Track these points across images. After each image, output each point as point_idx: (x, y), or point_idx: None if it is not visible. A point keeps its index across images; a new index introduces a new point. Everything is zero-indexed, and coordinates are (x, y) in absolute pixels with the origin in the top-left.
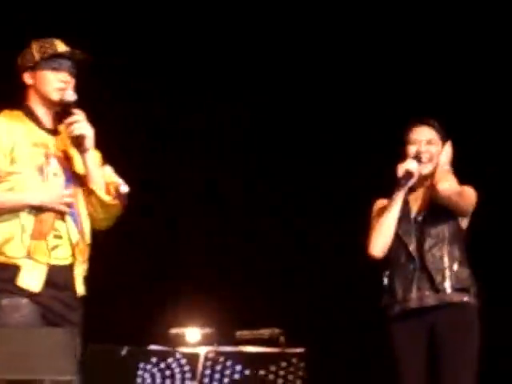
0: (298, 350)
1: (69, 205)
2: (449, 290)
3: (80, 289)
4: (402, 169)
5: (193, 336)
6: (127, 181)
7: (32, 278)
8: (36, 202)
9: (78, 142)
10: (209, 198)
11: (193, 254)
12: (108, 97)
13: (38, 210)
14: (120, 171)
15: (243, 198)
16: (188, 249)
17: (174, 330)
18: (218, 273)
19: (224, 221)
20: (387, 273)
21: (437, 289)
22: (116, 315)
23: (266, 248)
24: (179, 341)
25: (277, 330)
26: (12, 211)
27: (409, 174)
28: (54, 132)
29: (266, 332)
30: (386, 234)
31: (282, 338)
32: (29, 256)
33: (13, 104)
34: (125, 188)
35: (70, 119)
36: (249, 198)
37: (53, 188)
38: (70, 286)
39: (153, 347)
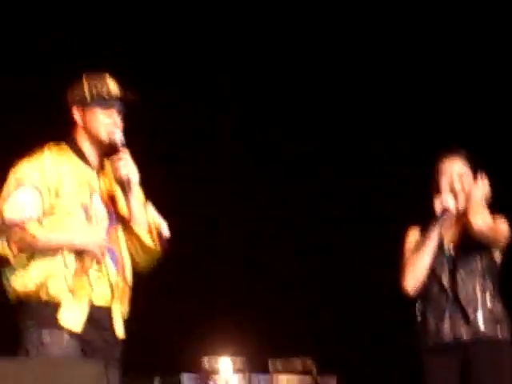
0: (330, 378)
1: (103, 253)
2: (481, 324)
3: (119, 331)
4: (439, 205)
5: (225, 365)
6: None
7: (73, 317)
8: (81, 245)
9: (122, 182)
10: (239, 231)
11: (226, 283)
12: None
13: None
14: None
15: (272, 230)
16: (221, 278)
17: (206, 359)
18: (250, 302)
19: (255, 251)
20: (420, 305)
21: (470, 322)
22: (149, 344)
23: (298, 279)
24: (212, 369)
25: (309, 359)
26: (56, 250)
27: (447, 211)
28: (99, 170)
29: (298, 361)
30: (421, 270)
31: (313, 367)
32: (71, 292)
33: (59, 135)
34: (166, 232)
35: (116, 159)
36: (277, 229)
37: (98, 233)
38: (109, 327)
39: (186, 376)
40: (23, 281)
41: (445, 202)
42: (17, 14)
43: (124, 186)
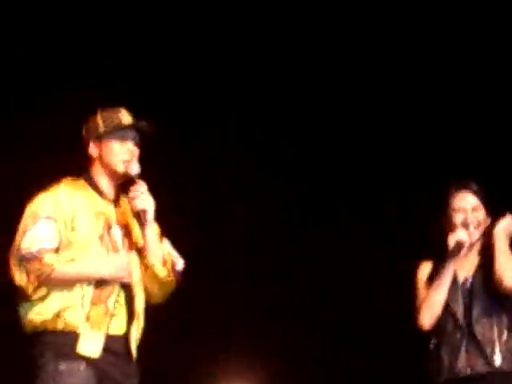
0: None
1: (130, 274)
2: (499, 359)
3: (133, 356)
4: (453, 240)
5: None
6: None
7: (91, 345)
8: (103, 274)
9: (139, 214)
10: (254, 255)
11: (240, 310)
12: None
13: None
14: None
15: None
16: (236, 305)
17: None
18: (265, 330)
19: (271, 278)
20: (434, 340)
21: (486, 358)
22: (165, 371)
23: (313, 308)
24: None
25: None
26: (71, 282)
27: (460, 245)
28: (115, 202)
29: None
30: (438, 306)
31: None
32: (88, 321)
33: (75, 171)
34: (180, 264)
35: (132, 194)
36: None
37: (121, 260)
38: (125, 354)
39: None
40: (40, 310)
41: (459, 236)
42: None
43: (140, 217)
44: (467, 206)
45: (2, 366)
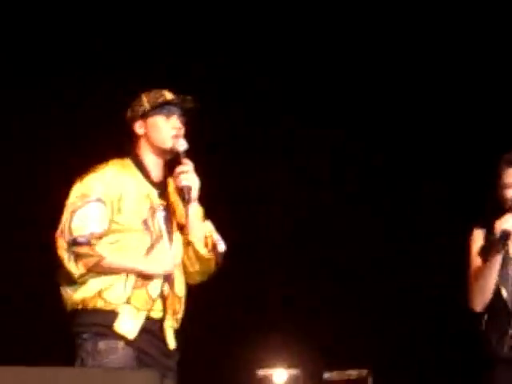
0: None
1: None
2: None
3: (171, 342)
4: (499, 227)
5: (280, 377)
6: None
7: (129, 325)
8: (148, 273)
9: (183, 192)
10: (294, 237)
11: (280, 294)
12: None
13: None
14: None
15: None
16: (275, 289)
17: (261, 372)
18: (305, 313)
19: (312, 259)
20: (484, 318)
21: None
22: (203, 357)
23: (354, 288)
24: (267, 382)
25: (365, 371)
26: (116, 273)
27: (508, 234)
28: (160, 183)
29: (353, 373)
30: (487, 292)
31: (370, 379)
32: (128, 302)
33: (122, 154)
34: (222, 247)
35: (178, 169)
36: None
37: (167, 259)
38: (162, 339)
39: None
40: (81, 289)
41: (504, 223)
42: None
43: (184, 196)
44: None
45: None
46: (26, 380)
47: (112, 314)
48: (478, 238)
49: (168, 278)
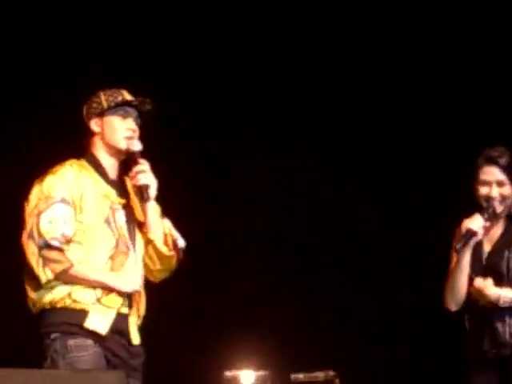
0: None
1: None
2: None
3: (135, 338)
4: (465, 227)
5: (247, 379)
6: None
7: (100, 322)
8: (114, 286)
9: (141, 191)
10: (261, 239)
11: (247, 296)
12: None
13: (110, 257)
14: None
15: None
16: (242, 290)
17: (228, 373)
18: (272, 315)
19: (277, 262)
20: (467, 317)
21: (502, 341)
22: (169, 358)
23: (319, 290)
24: (234, 383)
25: (331, 373)
26: (83, 284)
27: (471, 233)
28: (117, 182)
29: (320, 374)
30: (458, 290)
31: (337, 381)
32: (99, 302)
33: (76, 151)
34: (182, 243)
35: (136, 169)
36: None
37: (136, 277)
38: (126, 334)
39: None
40: (50, 291)
41: (471, 222)
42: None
43: (142, 194)
44: (492, 179)
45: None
46: None
47: (82, 313)
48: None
49: None
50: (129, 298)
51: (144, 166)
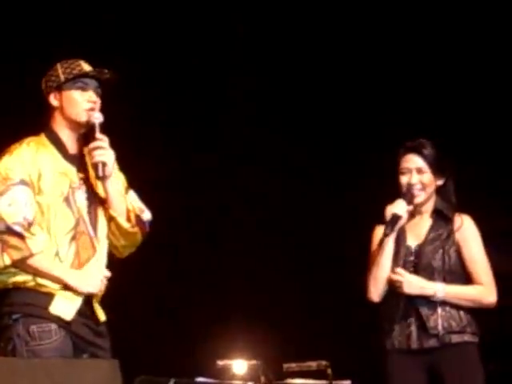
0: (345, 382)
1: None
2: (442, 333)
3: (101, 316)
4: (389, 212)
5: (240, 368)
6: (158, 205)
7: (65, 307)
8: (72, 285)
9: (97, 169)
10: (256, 226)
11: (240, 285)
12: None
13: (74, 239)
14: (146, 195)
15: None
16: (235, 280)
17: (220, 362)
18: (265, 304)
19: (273, 251)
20: (383, 307)
21: (429, 331)
22: (162, 347)
23: (312, 280)
24: (226, 373)
25: (324, 362)
26: (41, 275)
27: (396, 218)
28: (77, 158)
29: (313, 364)
30: (381, 280)
31: (329, 370)
32: (66, 289)
33: (37, 128)
34: (147, 215)
35: (92, 145)
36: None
37: (91, 276)
38: (90, 314)
39: (199, 379)
40: (11, 274)
41: (394, 207)
42: None
43: (99, 173)
44: (412, 166)
45: None
46: None
47: (48, 296)
48: (378, 233)
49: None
50: None
51: (101, 141)
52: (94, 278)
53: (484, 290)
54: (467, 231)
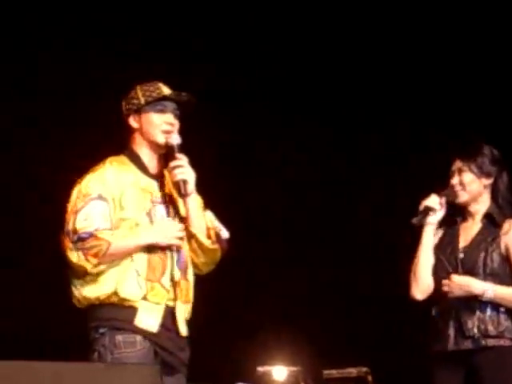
0: None
1: (182, 239)
2: (477, 335)
3: (183, 329)
4: (422, 204)
5: (280, 375)
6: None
7: (150, 319)
8: (150, 240)
9: (179, 186)
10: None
11: (281, 291)
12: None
13: (150, 251)
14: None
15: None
16: (276, 285)
17: (261, 368)
18: (306, 310)
19: (312, 258)
20: (435, 308)
21: (466, 333)
22: (204, 352)
23: (353, 286)
24: (266, 379)
25: (364, 369)
26: (127, 255)
27: (427, 209)
28: (158, 176)
29: (353, 371)
30: (422, 276)
31: (369, 377)
32: (145, 299)
33: (117, 149)
34: (225, 233)
35: (173, 164)
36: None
37: (165, 225)
38: (173, 327)
39: None
40: (95, 288)
41: (427, 201)
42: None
43: (180, 189)
44: (454, 168)
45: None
46: (21, 375)
47: (131, 309)
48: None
49: (181, 265)
50: (173, 289)
51: (181, 160)
52: (169, 229)
53: None
54: None
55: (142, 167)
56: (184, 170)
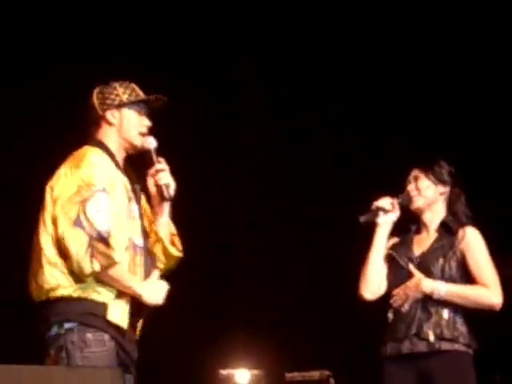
0: None
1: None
2: (432, 339)
3: (137, 330)
4: (374, 205)
5: (242, 377)
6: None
7: (120, 316)
8: (144, 295)
9: (162, 190)
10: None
11: (243, 295)
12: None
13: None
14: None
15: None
16: (238, 289)
17: (223, 372)
18: (267, 314)
19: (275, 260)
20: (392, 310)
21: (421, 336)
22: (165, 356)
23: (315, 289)
24: (228, 382)
25: (326, 372)
26: (118, 286)
27: (378, 209)
28: (126, 175)
29: (315, 374)
30: (371, 276)
31: (331, 380)
32: (118, 297)
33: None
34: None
35: (157, 167)
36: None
37: (161, 288)
38: (135, 327)
39: None
40: (69, 280)
41: (378, 201)
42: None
43: (163, 194)
44: (410, 177)
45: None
46: None
47: (103, 305)
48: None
49: (146, 267)
50: None
51: (163, 165)
52: (163, 290)
53: (488, 291)
54: (470, 240)
55: (117, 163)
56: (166, 174)
